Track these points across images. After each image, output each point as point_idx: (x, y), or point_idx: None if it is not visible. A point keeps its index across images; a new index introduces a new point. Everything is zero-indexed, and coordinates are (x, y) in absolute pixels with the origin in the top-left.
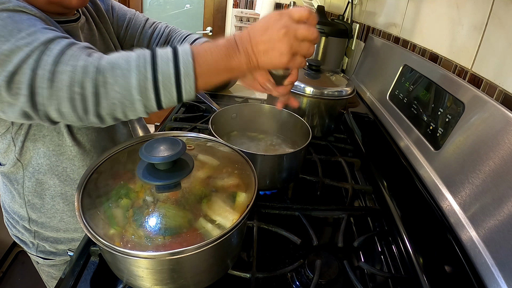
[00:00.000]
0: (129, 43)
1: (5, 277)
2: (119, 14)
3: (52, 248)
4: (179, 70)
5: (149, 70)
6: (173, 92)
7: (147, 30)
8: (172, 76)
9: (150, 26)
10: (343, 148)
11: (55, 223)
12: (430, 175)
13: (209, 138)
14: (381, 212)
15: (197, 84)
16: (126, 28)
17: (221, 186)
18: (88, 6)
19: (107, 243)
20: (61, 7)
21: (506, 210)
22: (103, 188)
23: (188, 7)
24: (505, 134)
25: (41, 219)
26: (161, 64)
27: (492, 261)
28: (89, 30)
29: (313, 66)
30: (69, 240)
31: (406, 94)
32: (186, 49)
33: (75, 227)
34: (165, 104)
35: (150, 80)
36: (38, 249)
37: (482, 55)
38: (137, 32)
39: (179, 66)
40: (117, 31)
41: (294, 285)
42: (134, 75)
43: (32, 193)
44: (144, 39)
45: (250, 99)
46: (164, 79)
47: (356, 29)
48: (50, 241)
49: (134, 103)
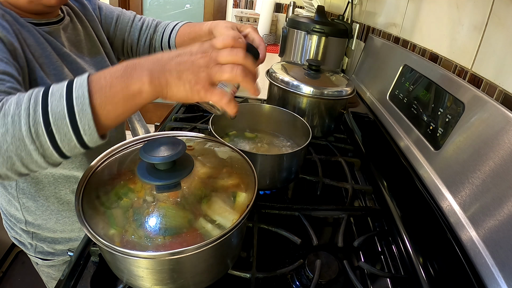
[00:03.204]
0: (120, 38)
1: (5, 277)
2: (107, 12)
3: (50, 249)
4: (72, 106)
5: (39, 111)
6: (69, 134)
7: (137, 23)
8: (66, 115)
9: (139, 20)
10: (343, 148)
11: (51, 224)
12: (430, 175)
13: (209, 138)
14: (381, 212)
15: (97, 121)
16: (116, 24)
17: (221, 186)
18: (74, 6)
19: (107, 243)
20: (42, 6)
21: (506, 210)
22: (103, 188)
23: (188, 7)
24: (505, 134)
25: (37, 221)
26: (52, 102)
27: (492, 261)
28: (74, 30)
29: (313, 66)
30: (66, 240)
31: (406, 94)
32: (82, 79)
33: (72, 227)
34: (66, 151)
35: (41, 123)
36: (36, 250)
37: (482, 55)
38: (127, 26)
39: (72, 100)
40: (106, 29)
41: (294, 285)
42: (23, 120)
43: (26, 196)
44: (135, 31)
45: (250, 99)
46: (57, 120)
47: (356, 29)
48: (48, 242)
49: (30, 154)
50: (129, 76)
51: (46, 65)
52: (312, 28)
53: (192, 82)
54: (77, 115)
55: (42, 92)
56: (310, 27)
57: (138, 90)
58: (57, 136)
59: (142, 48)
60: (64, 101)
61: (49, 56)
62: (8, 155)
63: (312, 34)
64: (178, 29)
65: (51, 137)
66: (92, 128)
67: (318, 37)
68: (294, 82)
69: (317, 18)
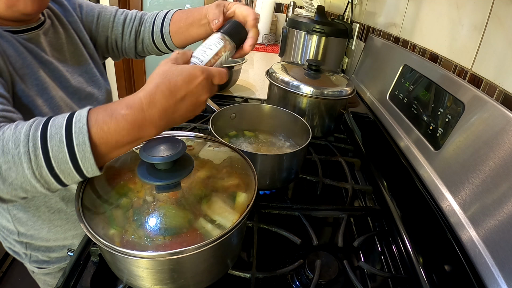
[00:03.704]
0: (103, 35)
1: (5, 277)
2: (87, 10)
3: (45, 257)
4: (74, 153)
5: (40, 155)
6: (73, 174)
7: (119, 17)
8: (68, 160)
9: (122, 13)
10: (343, 148)
11: (44, 234)
12: (430, 175)
13: (209, 138)
14: (381, 212)
15: (99, 163)
16: (97, 21)
17: (221, 186)
18: (54, 8)
19: (107, 243)
20: (20, 14)
21: (506, 210)
22: (103, 188)
23: (188, 7)
24: (505, 134)
25: (29, 231)
26: (52, 147)
27: (492, 261)
28: (55, 33)
29: (313, 66)
30: (61, 248)
31: (406, 94)
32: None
33: (65, 235)
34: (70, 183)
35: (44, 168)
36: (31, 259)
37: (482, 55)
38: (109, 21)
39: (74, 148)
40: (88, 28)
41: (294, 285)
42: (25, 164)
43: (17, 207)
44: (118, 25)
45: (250, 99)
46: (60, 165)
47: (356, 29)
48: (42, 251)
49: (35, 188)
50: (136, 134)
51: (28, 76)
52: (312, 28)
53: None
54: (79, 161)
55: (39, 132)
56: (310, 27)
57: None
58: (61, 176)
59: (128, 42)
60: (65, 147)
61: (30, 65)
62: (13, 187)
63: (312, 34)
64: (171, 16)
65: (56, 177)
66: (95, 169)
67: (318, 37)
68: (294, 82)
69: (317, 18)
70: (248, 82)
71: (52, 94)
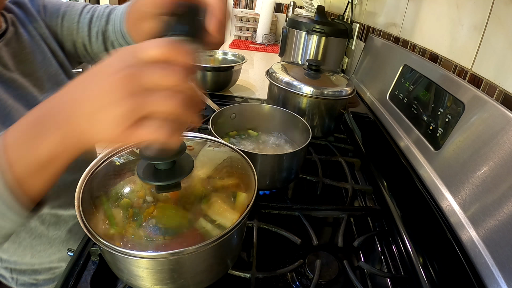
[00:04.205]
0: (69, 39)
1: None
2: (52, 11)
3: (32, 280)
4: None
5: None
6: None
7: (85, 16)
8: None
9: (88, 11)
10: (343, 148)
11: (27, 259)
12: (430, 175)
13: (209, 138)
14: (381, 212)
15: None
16: (62, 23)
17: (221, 186)
18: (17, 13)
19: (107, 243)
20: None
21: (506, 210)
22: (103, 188)
23: None
24: (505, 134)
25: (12, 257)
26: None
27: (492, 261)
28: (19, 42)
29: (313, 66)
30: (47, 270)
31: (406, 94)
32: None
33: (50, 259)
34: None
35: None
36: (18, 283)
37: (482, 55)
38: (74, 23)
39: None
40: (54, 31)
41: (294, 285)
42: None
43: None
44: (83, 26)
45: (250, 99)
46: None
47: (356, 29)
48: (28, 274)
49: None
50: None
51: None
52: (312, 28)
53: (106, 126)
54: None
55: None
56: (310, 27)
57: (53, 158)
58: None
59: (96, 46)
60: None
61: None
62: None
63: (312, 34)
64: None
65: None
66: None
67: (318, 37)
68: (294, 82)
69: (317, 18)
70: (248, 82)
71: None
